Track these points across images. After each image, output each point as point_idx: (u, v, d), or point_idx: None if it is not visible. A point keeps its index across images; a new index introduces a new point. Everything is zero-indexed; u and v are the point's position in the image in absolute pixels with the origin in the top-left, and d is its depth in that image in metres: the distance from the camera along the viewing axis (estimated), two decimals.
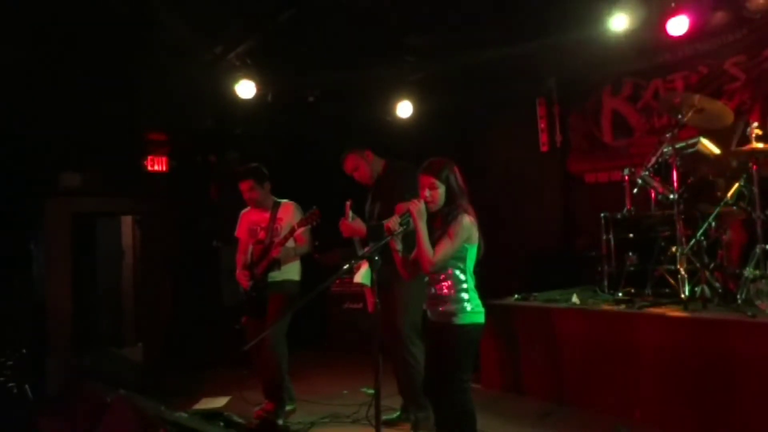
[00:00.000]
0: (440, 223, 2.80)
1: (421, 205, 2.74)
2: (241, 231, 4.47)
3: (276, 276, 4.22)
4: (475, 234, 2.78)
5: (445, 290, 2.77)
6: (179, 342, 6.40)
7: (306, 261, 4.49)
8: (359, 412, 4.10)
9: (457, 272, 2.76)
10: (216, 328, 6.23)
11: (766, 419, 3.13)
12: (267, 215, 4.33)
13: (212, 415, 4.09)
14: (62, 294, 6.11)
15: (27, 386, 4.21)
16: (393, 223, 2.75)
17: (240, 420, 3.99)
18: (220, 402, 4.70)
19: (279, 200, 4.40)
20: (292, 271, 4.30)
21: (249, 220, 4.43)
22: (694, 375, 3.44)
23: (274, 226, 4.26)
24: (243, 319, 4.40)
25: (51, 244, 6.12)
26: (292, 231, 4.09)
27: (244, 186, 4.29)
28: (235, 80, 5.47)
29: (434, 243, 2.73)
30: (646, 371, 3.68)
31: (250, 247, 4.35)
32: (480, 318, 2.78)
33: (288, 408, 4.30)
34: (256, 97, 5.65)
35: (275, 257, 4.12)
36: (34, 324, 5.76)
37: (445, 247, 2.71)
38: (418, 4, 4.75)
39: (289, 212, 4.28)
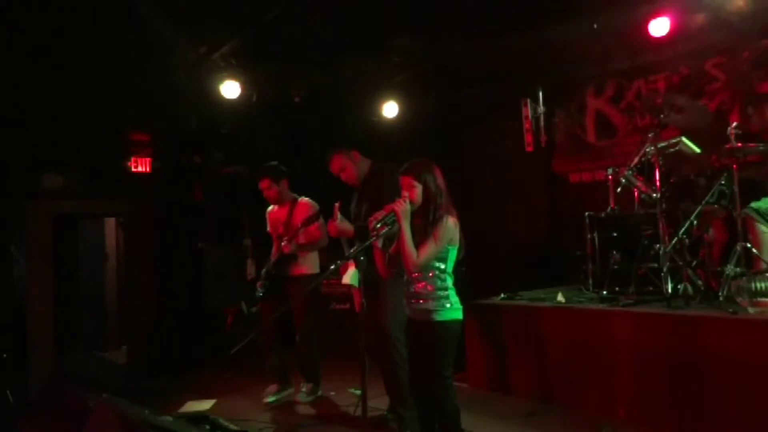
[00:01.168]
0: (419, 221, 2.81)
1: (406, 205, 2.75)
2: (270, 228, 4.71)
3: (294, 270, 4.47)
4: (457, 235, 2.82)
5: (426, 288, 2.80)
6: (163, 345, 6.32)
7: None
8: (346, 413, 4.08)
9: (438, 272, 2.80)
10: (201, 331, 6.18)
11: (748, 414, 3.18)
12: (286, 211, 4.54)
13: (198, 419, 4.04)
14: (44, 297, 6.01)
15: (8, 391, 4.14)
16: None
17: (226, 423, 3.96)
18: (205, 405, 4.65)
19: (297, 197, 4.60)
20: (309, 265, 4.54)
21: (273, 217, 4.68)
22: (678, 372, 3.48)
23: (291, 222, 4.46)
24: (228, 321, 4.43)
25: (31, 246, 6.02)
26: (297, 229, 4.35)
27: (262, 185, 4.54)
28: (220, 80, 5.43)
29: (416, 242, 2.75)
30: (630, 369, 3.71)
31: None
32: (458, 314, 2.83)
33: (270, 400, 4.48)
34: (242, 97, 5.62)
35: (285, 253, 4.42)
36: (14, 327, 5.66)
37: (429, 249, 2.75)
38: (403, 5, 4.75)
39: (304, 210, 4.45)
